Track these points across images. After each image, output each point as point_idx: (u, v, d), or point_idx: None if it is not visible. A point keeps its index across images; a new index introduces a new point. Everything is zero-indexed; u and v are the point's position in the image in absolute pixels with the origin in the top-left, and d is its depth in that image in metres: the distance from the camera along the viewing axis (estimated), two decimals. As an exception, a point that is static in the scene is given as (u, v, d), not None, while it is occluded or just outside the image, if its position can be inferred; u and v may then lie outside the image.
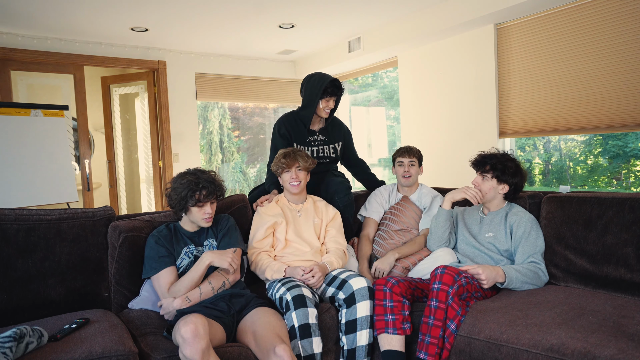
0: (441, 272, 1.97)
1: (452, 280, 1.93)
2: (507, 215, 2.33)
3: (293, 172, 2.41)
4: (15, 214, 2.04)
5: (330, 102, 2.77)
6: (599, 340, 1.57)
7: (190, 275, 2.02)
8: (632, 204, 2.09)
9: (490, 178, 2.32)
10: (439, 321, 1.89)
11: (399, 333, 1.98)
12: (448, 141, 4.40)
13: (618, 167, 4.03)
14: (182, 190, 2.06)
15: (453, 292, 1.92)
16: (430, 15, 4.11)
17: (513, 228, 2.27)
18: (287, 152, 2.44)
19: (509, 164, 2.33)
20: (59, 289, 2.09)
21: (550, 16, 3.53)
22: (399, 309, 2.02)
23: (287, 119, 2.86)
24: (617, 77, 3.21)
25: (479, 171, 2.37)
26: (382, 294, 2.05)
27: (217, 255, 2.05)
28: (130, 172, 5.71)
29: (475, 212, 2.49)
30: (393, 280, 2.07)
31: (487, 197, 2.36)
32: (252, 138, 8.53)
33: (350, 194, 2.75)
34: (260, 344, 1.79)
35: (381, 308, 2.03)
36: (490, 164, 2.34)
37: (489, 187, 2.33)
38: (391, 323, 1.99)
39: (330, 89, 2.73)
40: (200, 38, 4.82)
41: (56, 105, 3.95)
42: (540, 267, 2.19)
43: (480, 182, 2.35)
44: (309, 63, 5.81)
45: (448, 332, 1.89)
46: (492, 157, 2.36)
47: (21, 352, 1.55)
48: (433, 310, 1.91)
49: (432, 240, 2.48)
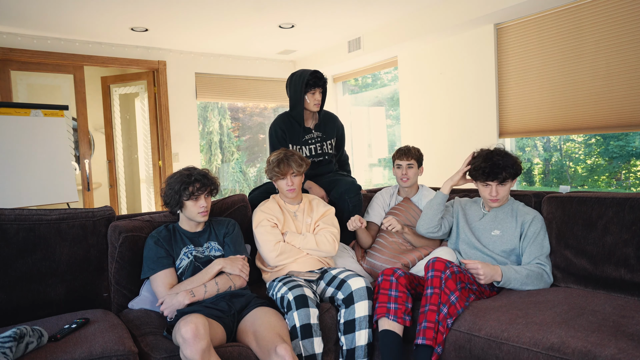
0: (433, 261, 2.03)
1: (444, 266, 1.99)
2: (515, 212, 2.30)
3: (288, 179, 2.40)
4: (15, 214, 2.04)
5: (317, 94, 2.76)
6: (599, 340, 1.57)
7: (198, 277, 2.03)
8: (632, 204, 2.09)
9: (511, 181, 2.26)
10: (434, 306, 1.92)
11: (399, 322, 1.99)
12: (448, 141, 4.40)
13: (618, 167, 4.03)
14: (175, 184, 2.08)
15: (445, 277, 1.96)
16: (430, 15, 4.11)
17: (524, 227, 2.25)
18: (279, 159, 2.39)
19: (510, 159, 2.24)
20: (59, 289, 2.09)
21: (550, 16, 3.53)
22: (403, 300, 2.03)
23: (282, 120, 2.86)
24: (617, 77, 3.21)
25: (496, 181, 2.23)
26: (388, 284, 2.06)
27: (229, 262, 2.09)
28: (130, 172, 5.71)
29: (476, 206, 2.44)
30: (400, 272, 2.09)
31: (504, 200, 2.30)
32: (252, 138, 8.52)
33: (360, 194, 2.75)
34: (261, 343, 1.79)
35: (385, 297, 2.04)
36: (505, 169, 2.21)
37: (508, 188, 2.28)
38: (393, 311, 2.00)
39: (312, 80, 2.73)
40: (200, 38, 4.82)
41: (56, 105, 3.95)
42: (545, 270, 2.19)
43: (499, 191, 2.25)
44: (309, 63, 5.81)
45: (441, 316, 1.90)
46: (500, 162, 2.22)
47: (21, 352, 1.55)
48: (428, 297, 1.94)
49: (422, 222, 2.45)
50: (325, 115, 2.92)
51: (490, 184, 2.25)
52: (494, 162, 2.21)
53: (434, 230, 2.44)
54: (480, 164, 2.25)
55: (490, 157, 2.24)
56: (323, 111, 2.90)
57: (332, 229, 2.44)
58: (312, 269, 2.35)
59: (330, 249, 2.39)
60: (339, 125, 3.01)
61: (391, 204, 2.82)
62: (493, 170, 2.21)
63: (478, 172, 2.26)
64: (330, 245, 2.39)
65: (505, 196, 2.30)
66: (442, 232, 2.46)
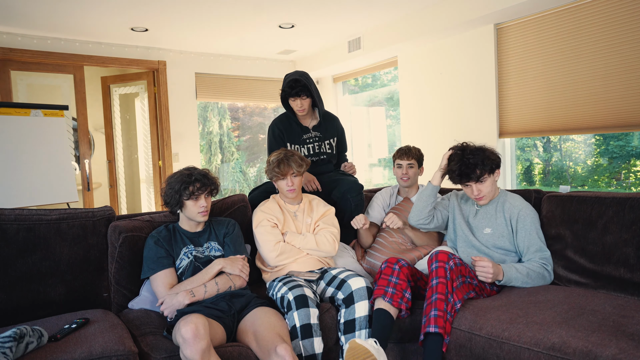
0: (435, 252, 2.04)
1: (447, 257, 2.00)
2: (502, 208, 2.24)
3: (289, 179, 2.39)
4: (15, 214, 2.04)
5: (297, 102, 2.74)
6: (599, 340, 1.57)
7: (198, 278, 2.03)
8: (632, 204, 2.09)
9: (488, 176, 2.19)
10: (442, 294, 1.91)
11: (394, 305, 1.99)
12: (448, 141, 4.36)
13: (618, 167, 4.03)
14: (175, 184, 2.09)
15: (449, 268, 1.97)
16: (430, 15, 4.11)
17: (513, 222, 2.21)
18: (280, 159, 2.38)
19: (481, 155, 2.17)
20: (59, 289, 2.09)
21: (551, 16, 3.53)
22: (402, 288, 2.03)
23: (280, 120, 2.88)
24: (617, 77, 3.21)
25: (472, 181, 2.18)
26: (390, 271, 2.07)
27: (229, 262, 2.09)
28: (130, 172, 5.71)
29: (471, 201, 2.39)
30: (403, 262, 2.10)
31: (490, 196, 2.24)
32: (252, 138, 8.53)
33: (362, 194, 2.76)
34: (261, 343, 1.79)
35: (385, 281, 2.05)
36: (477, 166, 2.15)
37: (490, 184, 2.21)
38: (389, 294, 2.01)
39: (287, 89, 2.71)
40: (200, 38, 4.82)
41: (56, 105, 3.95)
42: (547, 268, 2.18)
43: (481, 189, 2.20)
44: (309, 63, 5.81)
45: (449, 305, 1.91)
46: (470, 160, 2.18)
47: (21, 352, 1.55)
48: (434, 287, 1.94)
49: (412, 213, 2.40)
50: (325, 116, 2.92)
51: (469, 184, 2.22)
52: (464, 162, 2.17)
53: (425, 222, 2.37)
54: (453, 166, 2.21)
55: (461, 158, 2.19)
56: (324, 111, 2.90)
57: (332, 229, 2.44)
58: (312, 269, 2.35)
59: (330, 249, 2.39)
60: (338, 127, 3.01)
61: (391, 204, 2.82)
62: (464, 172, 2.17)
63: (453, 175, 2.23)
64: (330, 245, 2.39)
65: (490, 192, 2.23)
66: (434, 224, 2.39)
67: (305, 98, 2.74)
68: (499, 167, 2.23)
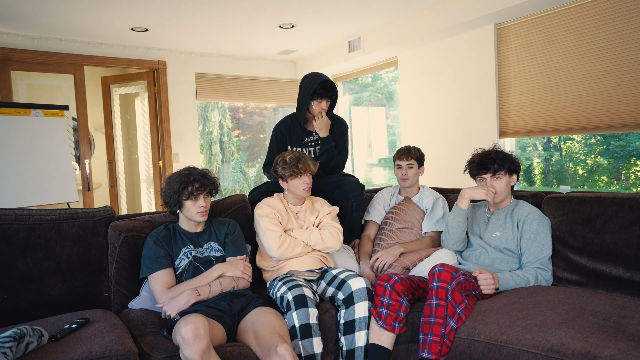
0: (439, 269, 1.97)
1: (451, 277, 1.93)
2: (512, 213, 2.30)
3: (306, 177, 2.39)
4: (15, 214, 2.04)
5: (323, 104, 2.73)
6: (599, 341, 1.57)
7: (198, 280, 2.03)
8: (631, 204, 2.09)
9: (504, 174, 2.28)
10: (440, 319, 1.89)
11: (387, 329, 1.97)
12: (448, 141, 4.39)
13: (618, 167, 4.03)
14: (174, 184, 2.09)
15: (452, 289, 1.91)
16: (430, 15, 4.11)
17: (520, 224, 2.25)
18: (297, 157, 2.37)
19: (504, 154, 2.31)
20: (59, 289, 2.09)
21: (551, 16, 3.53)
22: (395, 308, 2.00)
23: (284, 122, 2.87)
24: (617, 77, 3.21)
25: (489, 173, 2.28)
26: (382, 290, 2.03)
27: (229, 265, 2.09)
28: (130, 172, 5.71)
29: (480, 211, 2.45)
30: (396, 277, 2.05)
31: (503, 196, 2.32)
32: (252, 137, 8.53)
33: (363, 194, 2.75)
34: (261, 343, 1.79)
35: (378, 300, 2.03)
36: (496, 161, 2.27)
37: (505, 183, 2.29)
38: (383, 316, 1.99)
39: (320, 90, 2.69)
40: (200, 38, 4.82)
41: (56, 105, 3.95)
42: (544, 276, 2.18)
43: (495, 185, 2.28)
44: (309, 63, 5.81)
45: (448, 329, 1.89)
46: (491, 154, 2.31)
47: (21, 352, 1.55)
48: (433, 308, 1.90)
49: (450, 240, 2.39)
50: (332, 119, 2.91)
51: (485, 177, 2.30)
52: (485, 154, 2.31)
53: (461, 248, 2.41)
54: (475, 157, 2.35)
55: (484, 152, 2.35)
56: (330, 114, 2.89)
57: (336, 224, 2.45)
58: (312, 268, 2.35)
59: (335, 244, 2.38)
60: (340, 130, 2.99)
61: (392, 204, 2.82)
62: (484, 161, 2.29)
63: (472, 166, 2.34)
64: (335, 239, 2.39)
65: (504, 192, 2.31)
66: (466, 243, 2.45)
67: (328, 100, 2.76)
68: (517, 172, 2.32)
